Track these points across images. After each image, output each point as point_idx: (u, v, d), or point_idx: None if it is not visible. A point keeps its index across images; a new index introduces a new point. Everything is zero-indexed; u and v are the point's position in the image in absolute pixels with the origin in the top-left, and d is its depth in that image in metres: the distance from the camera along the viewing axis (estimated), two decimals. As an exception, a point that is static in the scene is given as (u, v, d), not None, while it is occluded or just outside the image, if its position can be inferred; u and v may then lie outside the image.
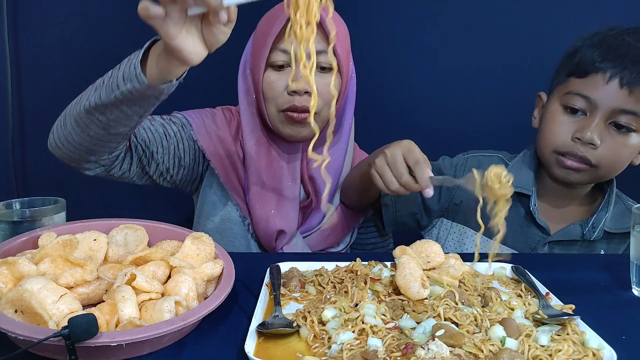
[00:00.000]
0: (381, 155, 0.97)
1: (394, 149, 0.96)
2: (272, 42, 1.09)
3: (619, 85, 1.03)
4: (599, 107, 1.05)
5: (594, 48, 1.08)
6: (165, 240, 0.88)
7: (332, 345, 0.67)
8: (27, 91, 1.68)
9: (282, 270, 0.90)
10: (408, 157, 0.95)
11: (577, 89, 1.08)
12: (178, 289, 0.72)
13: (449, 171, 1.22)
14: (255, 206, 1.18)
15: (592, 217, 1.16)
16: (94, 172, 1.03)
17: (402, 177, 0.95)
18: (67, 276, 0.71)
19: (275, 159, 1.20)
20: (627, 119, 1.04)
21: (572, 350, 0.66)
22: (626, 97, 1.03)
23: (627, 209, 1.19)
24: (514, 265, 0.94)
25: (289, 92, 1.11)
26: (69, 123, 0.95)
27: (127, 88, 0.82)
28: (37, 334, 0.58)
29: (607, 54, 1.05)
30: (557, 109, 1.11)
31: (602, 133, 1.06)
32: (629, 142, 1.07)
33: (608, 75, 1.04)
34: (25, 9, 1.63)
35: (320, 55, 1.09)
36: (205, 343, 0.69)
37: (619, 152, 1.07)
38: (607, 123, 1.06)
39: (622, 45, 1.05)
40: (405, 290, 0.79)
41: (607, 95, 1.04)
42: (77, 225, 0.87)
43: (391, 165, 0.96)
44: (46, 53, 1.66)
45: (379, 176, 0.98)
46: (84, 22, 1.65)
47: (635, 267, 0.88)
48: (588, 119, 1.07)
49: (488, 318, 0.73)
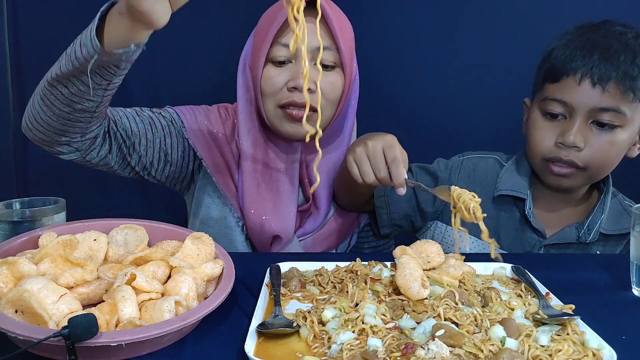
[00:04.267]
0: (362, 146, 0.97)
1: (376, 141, 0.96)
2: (273, 36, 1.06)
3: (591, 85, 1.03)
4: (576, 109, 1.05)
5: (562, 50, 1.08)
6: (165, 240, 0.88)
7: (332, 346, 0.67)
8: (27, 91, 1.67)
9: (282, 270, 0.90)
10: (387, 153, 0.95)
11: (552, 94, 1.08)
12: (178, 289, 0.72)
13: (444, 173, 1.21)
14: (250, 210, 1.15)
15: (588, 218, 1.15)
16: (68, 156, 1.00)
17: (380, 171, 0.95)
18: (67, 276, 0.71)
19: (272, 160, 1.17)
20: (608, 116, 1.04)
21: (572, 350, 0.66)
22: (600, 95, 1.02)
23: (624, 209, 1.18)
24: (514, 265, 0.94)
25: (289, 89, 1.08)
26: (36, 102, 0.92)
27: (82, 55, 0.79)
28: (37, 334, 0.58)
29: (575, 55, 1.05)
30: (538, 116, 1.12)
31: (586, 134, 1.05)
32: (615, 138, 1.06)
33: (579, 76, 1.04)
34: (26, 8, 1.63)
35: (324, 51, 1.06)
36: (205, 343, 0.69)
37: (606, 151, 1.06)
38: (588, 123, 1.05)
39: (588, 44, 1.05)
40: (405, 290, 0.79)
41: (581, 96, 1.04)
42: (77, 225, 0.87)
43: (371, 157, 0.96)
44: (47, 53, 1.64)
45: (356, 165, 0.97)
46: (85, 21, 1.64)
47: (635, 267, 0.88)
48: (568, 122, 1.07)
49: (488, 318, 0.73)
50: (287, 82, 1.08)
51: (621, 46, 1.04)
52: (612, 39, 1.05)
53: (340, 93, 1.12)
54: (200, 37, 1.66)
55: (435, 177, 1.21)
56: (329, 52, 1.08)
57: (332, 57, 1.09)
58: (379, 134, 0.99)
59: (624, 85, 1.02)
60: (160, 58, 1.67)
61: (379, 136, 0.98)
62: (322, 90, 1.08)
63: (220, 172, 1.17)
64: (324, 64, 1.08)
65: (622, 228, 1.15)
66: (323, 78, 1.08)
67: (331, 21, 1.06)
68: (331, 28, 1.07)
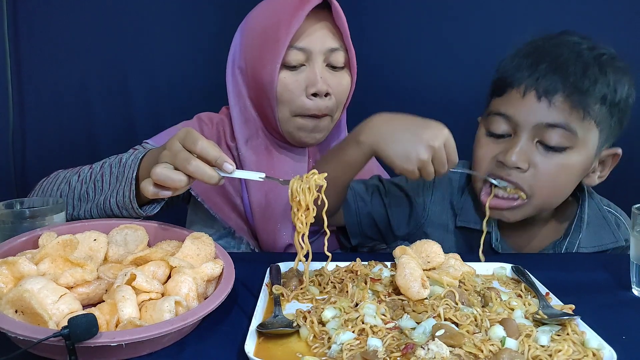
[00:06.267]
0: (425, 147, 0.87)
1: (438, 140, 0.87)
2: (289, 40, 1.01)
3: (536, 98, 0.92)
4: (520, 125, 0.94)
5: (510, 60, 0.99)
6: (165, 240, 0.88)
7: (332, 346, 0.67)
8: (27, 91, 1.68)
9: (282, 270, 0.90)
10: (449, 150, 0.89)
11: (496, 108, 0.98)
12: (178, 289, 0.72)
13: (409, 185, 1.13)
14: (260, 224, 1.11)
15: (566, 239, 1.06)
16: None
17: (445, 169, 0.88)
18: (67, 276, 0.71)
19: (278, 166, 1.12)
20: (556, 135, 0.93)
21: (572, 351, 0.66)
22: (546, 109, 0.92)
23: (604, 217, 1.09)
24: (514, 265, 0.94)
25: (308, 96, 1.04)
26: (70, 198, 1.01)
27: (122, 214, 0.92)
28: (37, 334, 0.58)
29: (521, 65, 0.96)
30: (482, 133, 1.02)
31: (530, 153, 0.95)
32: (564, 161, 0.95)
33: (523, 89, 0.93)
34: (26, 8, 1.63)
35: (336, 52, 1.05)
36: (205, 343, 0.69)
37: (553, 175, 0.95)
38: (534, 142, 0.95)
39: (536, 53, 0.96)
40: (405, 290, 0.79)
41: (525, 110, 0.93)
42: (77, 225, 0.87)
43: (437, 161, 0.88)
44: (47, 53, 1.66)
45: (418, 172, 0.88)
46: (85, 20, 1.65)
47: (635, 267, 0.88)
48: (512, 140, 0.96)
49: (488, 318, 0.73)
50: (305, 87, 1.04)
51: (572, 56, 0.94)
52: (563, 48, 0.96)
53: (347, 94, 1.11)
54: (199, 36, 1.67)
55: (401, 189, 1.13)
56: (339, 52, 1.06)
57: (342, 57, 1.07)
58: (422, 123, 0.90)
59: (572, 100, 0.91)
60: (161, 58, 1.68)
61: (435, 131, 0.88)
62: (335, 93, 1.07)
63: (211, 197, 1.12)
64: (335, 66, 1.06)
65: (602, 244, 1.08)
66: (335, 80, 1.06)
67: (342, 22, 1.04)
68: (341, 28, 1.05)
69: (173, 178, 0.76)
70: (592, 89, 0.92)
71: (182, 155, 0.77)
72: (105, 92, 1.69)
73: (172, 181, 0.76)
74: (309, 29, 1.03)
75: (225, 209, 1.15)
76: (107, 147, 1.68)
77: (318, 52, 1.04)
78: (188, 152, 0.77)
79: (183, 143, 0.78)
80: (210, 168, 0.77)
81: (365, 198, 1.13)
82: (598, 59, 0.94)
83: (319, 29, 1.04)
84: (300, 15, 1.01)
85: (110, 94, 1.69)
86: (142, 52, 1.67)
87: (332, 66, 1.07)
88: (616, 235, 1.09)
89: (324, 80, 1.05)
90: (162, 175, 0.76)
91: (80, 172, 1.02)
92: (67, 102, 1.69)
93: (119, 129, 1.71)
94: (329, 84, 1.05)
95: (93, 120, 1.71)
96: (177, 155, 0.77)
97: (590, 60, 0.94)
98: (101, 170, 0.98)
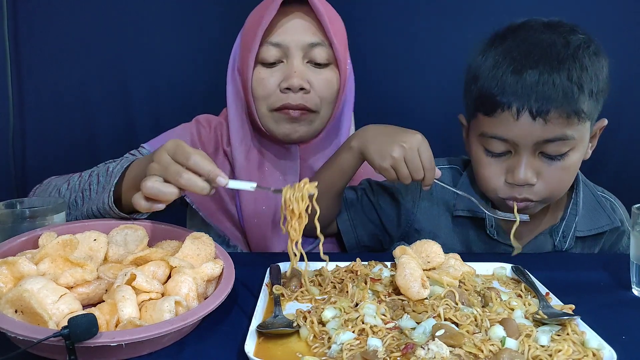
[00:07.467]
0: (398, 148, 0.94)
1: (411, 142, 0.94)
2: (262, 35, 1.02)
3: (531, 118, 0.91)
4: (519, 145, 0.94)
5: (489, 74, 0.95)
6: (165, 240, 0.88)
7: (332, 346, 0.67)
8: (27, 91, 1.68)
9: (282, 270, 0.90)
10: (422, 154, 0.95)
11: (490, 130, 0.96)
12: (178, 289, 0.72)
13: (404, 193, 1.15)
14: (252, 230, 1.11)
15: (562, 222, 1.09)
16: None
17: (419, 174, 0.94)
18: (67, 276, 0.71)
19: (269, 169, 1.13)
20: (557, 145, 0.94)
21: (572, 351, 0.66)
22: (543, 127, 0.92)
23: (598, 202, 1.12)
24: (514, 265, 0.94)
25: (282, 90, 1.05)
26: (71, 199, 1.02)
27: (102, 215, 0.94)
28: (37, 334, 0.58)
29: (505, 83, 0.93)
30: (480, 152, 1.01)
31: (536, 167, 0.96)
32: (567, 163, 0.97)
33: (515, 111, 0.92)
34: (26, 8, 1.63)
35: (316, 47, 1.04)
36: (205, 343, 0.69)
37: (560, 177, 0.98)
38: (536, 154, 0.96)
39: (516, 66, 0.92)
40: (405, 290, 0.79)
41: (523, 132, 0.93)
42: (77, 225, 0.87)
43: (409, 161, 0.94)
44: (47, 53, 1.66)
45: (393, 170, 0.95)
46: (85, 21, 1.65)
47: (635, 267, 0.88)
48: (514, 158, 0.97)
49: (488, 318, 0.72)
50: (279, 83, 1.05)
51: (554, 64, 0.91)
52: (541, 56, 0.92)
53: (336, 91, 1.10)
54: (200, 37, 1.67)
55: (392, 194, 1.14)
56: (321, 48, 1.05)
57: (325, 53, 1.06)
58: (400, 130, 0.97)
59: (566, 112, 0.91)
60: (161, 59, 1.68)
61: (409, 135, 0.95)
62: (317, 89, 1.06)
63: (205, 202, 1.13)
64: (317, 62, 1.06)
65: (598, 227, 1.10)
66: (317, 76, 1.06)
67: (322, 16, 1.03)
68: (322, 23, 1.04)
69: (164, 192, 0.77)
70: (580, 92, 0.91)
71: (173, 169, 0.77)
72: (105, 93, 1.69)
73: (164, 194, 0.77)
74: (286, 24, 1.04)
75: (220, 217, 1.16)
76: (107, 148, 1.68)
77: (295, 47, 1.04)
78: (179, 164, 0.77)
79: (173, 156, 0.78)
80: (201, 180, 0.77)
81: (356, 205, 1.15)
82: (576, 54, 0.93)
83: (296, 24, 1.04)
84: (272, 9, 1.01)
85: (110, 95, 1.70)
86: (142, 52, 1.67)
87: (316, 63, 1.06)
88: (612, 218, 1.11)
89: (300, 75, 1.04)
90: (153, 189, 0.76)
91: (70, 180, 1.03)
92: (67, 103, 1.69)
93: (118, 129, 1.71)
94: (308, 80, 1.05)
95: (93, 120, 1.71)
96: (168, 169, 0.77)
97: (569, 60, 0.92)
98: (89, 180, 0.99)
